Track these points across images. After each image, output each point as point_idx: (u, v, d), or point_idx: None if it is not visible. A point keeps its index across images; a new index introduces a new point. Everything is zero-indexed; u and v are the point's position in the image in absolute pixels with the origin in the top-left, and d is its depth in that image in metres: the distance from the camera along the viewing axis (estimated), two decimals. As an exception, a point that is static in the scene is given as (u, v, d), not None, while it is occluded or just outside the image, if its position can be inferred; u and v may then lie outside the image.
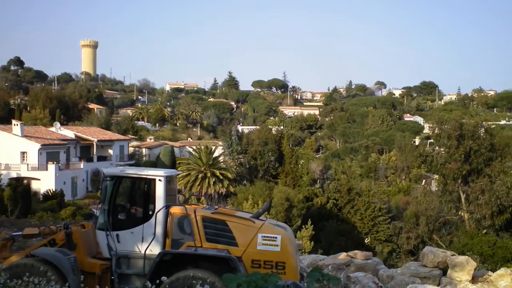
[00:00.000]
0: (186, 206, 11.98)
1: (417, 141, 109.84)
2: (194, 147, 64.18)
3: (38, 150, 56.62)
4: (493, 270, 15.60)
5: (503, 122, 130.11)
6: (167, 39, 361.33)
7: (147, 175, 12.21)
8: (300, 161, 64.16)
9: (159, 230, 11.56)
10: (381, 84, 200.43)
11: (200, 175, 55.11)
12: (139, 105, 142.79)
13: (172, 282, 10.75)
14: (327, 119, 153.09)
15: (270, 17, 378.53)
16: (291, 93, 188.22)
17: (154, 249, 11.44)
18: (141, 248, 11.56)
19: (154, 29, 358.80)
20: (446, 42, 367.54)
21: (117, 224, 11.93)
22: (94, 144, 66.61)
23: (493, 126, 48.00)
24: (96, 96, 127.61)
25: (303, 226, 41.22)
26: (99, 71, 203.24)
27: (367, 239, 47.07)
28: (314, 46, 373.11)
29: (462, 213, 37.94)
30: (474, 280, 14.24)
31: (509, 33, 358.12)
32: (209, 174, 54.98)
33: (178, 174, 14.23)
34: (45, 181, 54.12)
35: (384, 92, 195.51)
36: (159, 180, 11.84)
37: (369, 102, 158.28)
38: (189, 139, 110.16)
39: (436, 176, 49.10)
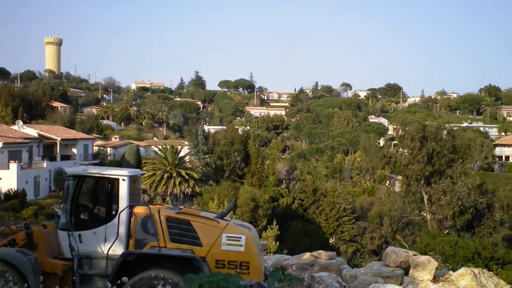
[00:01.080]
0: (150, 206, 11.90)
1: (381, 142, 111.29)
2: (160, 147, 63.75)
3: (0, 148, 55.48)
4: (454, 270, 15.86)
5: (465, 124, 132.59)
6: (133, 38, 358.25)
7: (110, 174, 12.08)
8: (266, 161, 64.28)
9: (122, 230, 11.45)
10: (347, 86, 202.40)
11: (165, 175, 54.73)
12: (104, 104, 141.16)
13: (135, 283, 10.67)
14: (293, 120, 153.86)
15: (237, 17, 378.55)
16: (258, 93, 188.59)
17: (117, 250, 11.33)
18: (104, 248, 11.44)
19: (120, 27, 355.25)
20: (410, 45, 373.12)
21: (79, 224, 11.79)
22: (58, 143, 65.53)
23: (455, 128, 48.84)
24: (60, 94, 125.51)
25: (269, 226, 41.28)
26: (63, 69, 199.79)
27: (331, 239, 47.44)
28: (281, 47, 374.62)
29: (425, 214, 38.54)
30: (435, 279, 14.46)
31: (472, 36, 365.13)
32: (174, 174, 54.64)
33: (142, 174, 14.12)
34: (6, 180, 53.00)
35: (349, 94, 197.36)
36: (123, 179, 11.74)
37: (335, 103, 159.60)
38: (155, 138, 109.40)
39: (399, 177, 49.81)
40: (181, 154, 59.52)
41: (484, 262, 25.52)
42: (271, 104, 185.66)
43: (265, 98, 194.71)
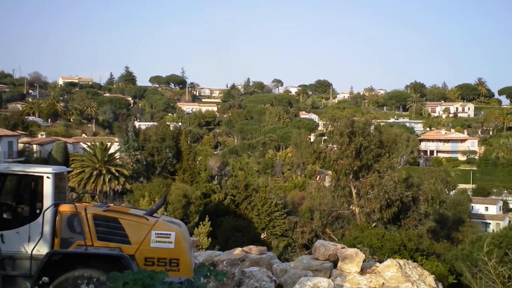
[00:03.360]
0: (77, 204, 11.61)
1: (312, 138, 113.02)
2: (89, 144, 62.26)
3: None
4: (381, 262, 16.28)
5: (392, 120, 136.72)
6: (60, 32, 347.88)
7: (34, 172, 11.70)
8: (198, 157, 64.09)
9: (47, 229, 11.10)
10: (278, 82, 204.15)
11: (95, 172, 53.62)
12: (30, 100, 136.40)
13: (61, 283, 10.40)
14: (225, 116, 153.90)
15: (169, 11, 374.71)
16: (190, 89, 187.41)
17: (42, 249, 10.98)
18: (28, 248, 11.06)
19: (46, 20, 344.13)
20: (340, 42, 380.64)
21: (1, 224, 11.37)
22: (-20, 140, 63.00)
23: (383, 124, 50.24)
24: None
25: (201, 222, 41.18)
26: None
27: (263, 234, 47.81)
28: (213, 42, 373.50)
29: (353, 207, 39.34)
30: (362, 271, 14.80)
31: (397, 35, 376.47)
32: (104, 171, 53.60)
33: (69, 171, 13.76)
34: None
35: (281, 90, 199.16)
36: (47, 177, 11.39)
37: (267, 100, 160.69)
38: (83, 135, 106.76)
39: (329, 172, 50.70)
40: (111, 151, 58.50)
41: (410, 254, 26.38)
42: (203, 100, 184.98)
43: (197, 94, 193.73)
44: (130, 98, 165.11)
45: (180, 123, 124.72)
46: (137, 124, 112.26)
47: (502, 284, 14.95)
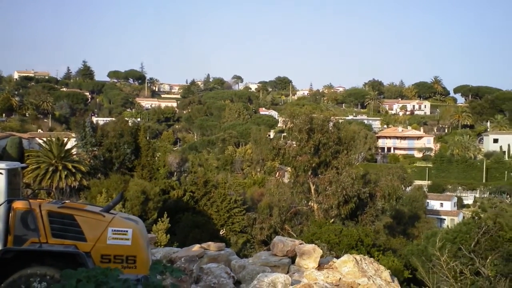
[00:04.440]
0: (31, 200, 11.38)
1: (271, 134, 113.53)
2: (45, 139, 60.98)
3: None
4: (339, 257, 16.47)
5: (350, 117, 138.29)
6: (16, 24, 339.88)
7: (-14, 167, 11.41)
8: (157, 153, 63.51)
9: (-1, 226, 10.86)
10: (238, 78, 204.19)
11: (51, 168, 52.54)
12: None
13: (14, 281, 10.18)
14: (184, 112, 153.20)
15: (128, 5, 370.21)
16: (149, 84, 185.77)
17: (-6, 247, 10.74)
18: (-20, 246, 10.80)
19: (0, 13, 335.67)
20: (300, 39, 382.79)
21: (-48, 221, 11.05)
22: None
23: (341, 121, 50.78)
24: None
25: (159, 219, 40.86)
26: None
27: (222, 230, 47.78)
28: (173, 37, 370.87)
29: (312, 204, 39.63)
30: (320, 267, 14.93)
31: (356, 33, 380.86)
32: (60, 167, 52.58)
33: (23, 167, 13.46)
34: None
35: (241, 86, 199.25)
36: (0, 173, 11.13)
37: (226, 96, 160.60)
38: (39, 130, 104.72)
39: (288, 169, 50.95)
40: (68, 146, 57.36)
41: (367, 249, 26.81)
42: (162, 96, 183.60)
43: (156, 90, 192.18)
44: (87, 93, 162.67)
45: (139, 119, 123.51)
46: (94, 119, 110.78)
47: (453, 278, 15.32)
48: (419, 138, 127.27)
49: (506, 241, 22.76)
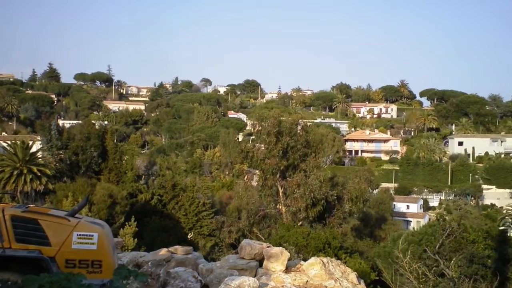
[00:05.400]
0: (-7, 205, 11.16)
1: (240, 137, 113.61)
2: (9, 142, 59.92)
3: None
4: (306, 260, 16.56)
5: (318, 120, 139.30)
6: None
7: None
8: (125, 157, 62.90)
9: (-39, 231, 10.61)
10: (207, 81, 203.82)
11: (15, 172, 51.63)
12: None
13: (-24, 288, 9.99)
14: (153, 115, 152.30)
15: (95, 7, 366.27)
16: (116, 87, 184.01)
17: (-45, 253, 10.49)
18: None
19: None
20: (268, 43, 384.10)
21: None
22: None
23: (309, 124, 51.04)
24: None
25: (127, 223, 40.47)
26: None
27: (190, 234, 47.57)
28: (141, 40, 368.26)
29: (280, 207, 39.74)
30: (287, 270, 14.98)
31: (325, 36, 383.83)
32: (25, 171, 51.70)
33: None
34: None
35: (209, 89, 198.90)
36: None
37: (195, 99, 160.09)
38: (3, 133, 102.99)
39: (257, 171, 51.03)
40: (33, 149, 56.47)
41: (334, 252, 27.00)
42: (130, 98, 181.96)
43: (124, 93, 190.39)
44: (53, 96, 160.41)
45: (106, 122, 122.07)
46: (61, 122, 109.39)
47: (417, 280, 15.55)
48: (386, 141, 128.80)
49: (470, 242, 23.18)
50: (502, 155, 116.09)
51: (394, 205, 79.48)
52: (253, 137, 58.05)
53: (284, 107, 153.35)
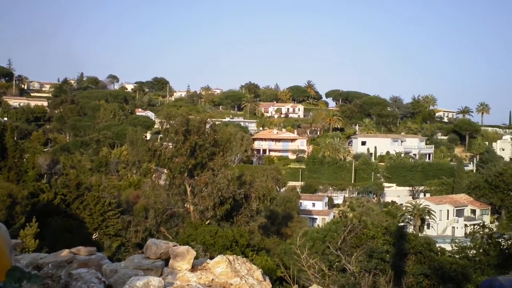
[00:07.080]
0: None
1: (148, 135, 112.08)
2: None
3: None
4: (213, 258, 16.56)
5: (227, 119, 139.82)
6: None
7: None
8: (26, 155, 60.42)
9: None
10: (114, 78, 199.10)
11: None
12: None
13: None
14: (56, 112, 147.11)
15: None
16: (17, 82, 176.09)
17: None
18: None
19: None
20: (177, 41, 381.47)
21: None
22: None
23: (218, 122, 51.26)
24: None
25: (27, 223, 38.89)
26: None
27: (95, 234, 46.43)
28: (44, 33, 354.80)
29: (188, 205, 39.64)
30: (194, 268, 14.91)
31: (234, 36, 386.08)
32: None
33: None
34: None
35: (116, 86, 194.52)
36: None
37: (101, 96, 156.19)
38: None
39: (165, 170, 50.57)
40: None
41: (241, 249, 27.25)
42: (32, 94, 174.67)
43: (25, 88, 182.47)
44: None
45: (5, 118, 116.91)
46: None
47: (313, 275, 16.00)
48: (293, 140, 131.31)
49: (370, 238, 24.11)
50: (402, 155, 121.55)
51: (301, 203, 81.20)
52: (161, 135, 57.43)
53: (193, 105, 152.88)
